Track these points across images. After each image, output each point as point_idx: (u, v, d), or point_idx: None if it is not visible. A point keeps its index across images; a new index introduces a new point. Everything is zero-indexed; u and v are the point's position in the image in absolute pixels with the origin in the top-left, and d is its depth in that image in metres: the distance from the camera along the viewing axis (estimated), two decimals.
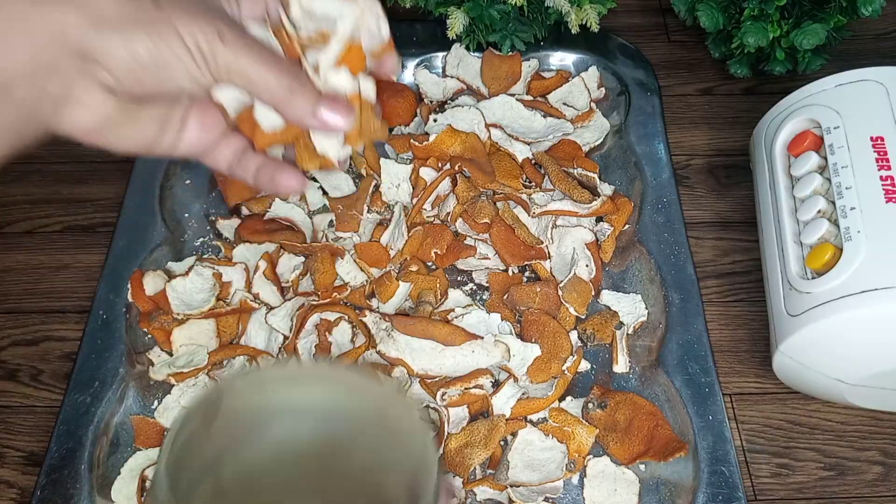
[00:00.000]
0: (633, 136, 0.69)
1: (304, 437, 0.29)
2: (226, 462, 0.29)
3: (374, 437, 0.28)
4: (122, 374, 0.56)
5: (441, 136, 0.65)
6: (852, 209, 0.51)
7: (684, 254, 0.62)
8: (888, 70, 0.57)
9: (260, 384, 0.29)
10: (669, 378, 0.56)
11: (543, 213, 0.62)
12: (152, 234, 0.63)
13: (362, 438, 0.29)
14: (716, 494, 0.51)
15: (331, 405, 0.29)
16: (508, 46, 0.72)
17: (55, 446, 0.53)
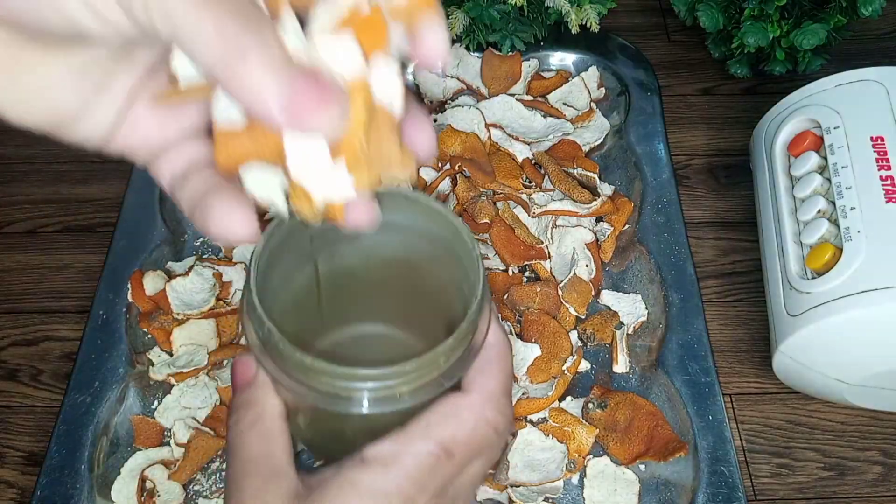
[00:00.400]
0: (633, 136, 0.69)
1: (392, 245, 0.33)
2: (322, 255, 0.32)
3: (446, 262, 0.32)
4: (122, 374, 0.56)
5: (441, 136, 0.65)
6: (852, 209, 0.51)
7: (684, 254, 0.62)
8: (888, 70, 0.57)
9: None
10: (669, 378, 0.56)
11: (543, 213, 0.62)
12: (152, 234, 0.63)
13: (438, 262, 0.33)
14: (716, 494, 0.51)
15: (417, 226, 0.32)
16: (508, 46, 0.72)
17: (55, 446, 0.53)
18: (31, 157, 0.71)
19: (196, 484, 0.53)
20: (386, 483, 0.29)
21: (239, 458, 0.30)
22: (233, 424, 0.31)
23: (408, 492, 0.29)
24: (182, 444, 0.53)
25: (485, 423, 0.30)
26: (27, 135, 0.26)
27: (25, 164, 0.71)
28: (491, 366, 0.31)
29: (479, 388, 0.31)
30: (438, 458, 0.29)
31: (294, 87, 0.21)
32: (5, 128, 0.25)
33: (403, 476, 0.29)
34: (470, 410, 0.30)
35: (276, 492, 0.29)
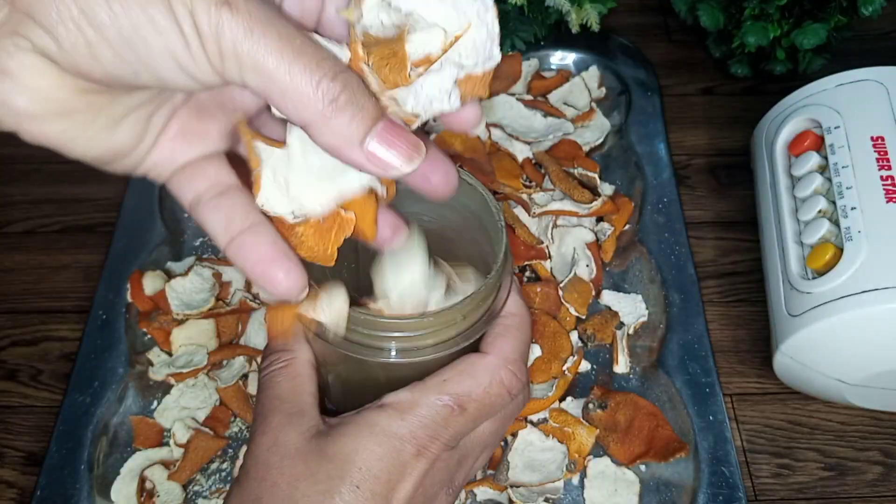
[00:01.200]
0: (633, 135, 0.69)
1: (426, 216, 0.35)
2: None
3: (473, 232, 0.35)
4: (121, 374, 0.56)
5: (441, 136, 0.65)
6: (853, 209, 0.51)
7: (685, 254, 0.62)
8: (888, 70, 0.57)
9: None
10: (670, 378, 0.56)
11: (544, 212, 0.62)
12: (152, 234, 0.63)
13: (466, 232, 0.35)
14: (716, 495, 0.51)
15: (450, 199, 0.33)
16: (509, 46, 0.72)
17: (55, 446, 0.53)
18: (31, 157, 0.71)
19: (196, 484, 0.53)
20: (401, 427, 0.31)
21: (267, 396, 0.33)
22: (266, 367, 0.34)
23: (420, 438, 0.31)
24: (182, 445, 0.53)
25: (499, 384, 0.32)
26: None
27: (25, 164, 0.71)
28: (509, 331, 0.33)
29: (496, 350, 0.33)
30: (452, 411, 0.31)
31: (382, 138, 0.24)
32: None
33: (417, 423, 0.31)
34: (486, 370, 0.32)
35: (299, 426, 0.31)
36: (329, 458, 0.30)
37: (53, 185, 0.70)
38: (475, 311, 0.31)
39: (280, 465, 0.31)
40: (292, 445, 0.31)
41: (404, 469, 0.30)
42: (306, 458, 0.30)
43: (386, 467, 0.30)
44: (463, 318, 0.31)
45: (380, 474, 0.30)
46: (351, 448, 0.30)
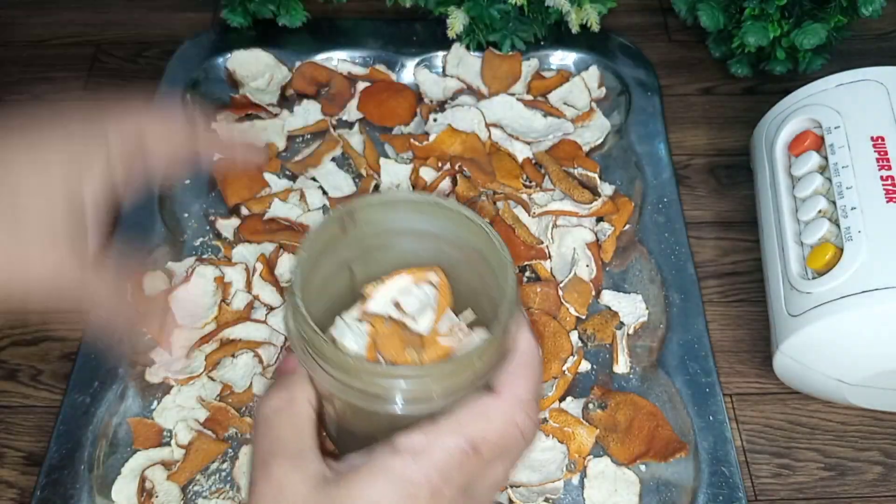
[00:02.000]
0: (633, 135, 0.69)
1: (423, 254, 0.35)
2: (358, 261, 0.34)
3: (476, 267, 0.34)
4: (121, 374, 0.56)
5: (441, 136, 0.65)
6: (853, 209, 0.51)
7: (685, 254, 0.62)
8: (888, 70, 0.57)
9: (392, 205, 0.33)
10: (670, 378, 0.56)
11: (543, 213, 0.62)
12: (152, 234, 0.63)
13: (468, 265, 0.34)
14: (716, 495, 0.51)
15: (446, 233, 0.34)
16: (509, 46, 0.72)
17: (55, 446, 0.53)
18: None
19: (196, 484, 0.53)
20: (416, 472, 0.29)
21: (267, 438, 0.32)
22: (264, 406, 0.32)
23: (435, 483, 0.30)
24: (183, 446, 0.53)
25: (513, 426, 0.31)
26: None
27: None
28: (521, 370, 0.32)
29: (509, 390, 0.32)
30: (467, 454, 0.30)
31: None
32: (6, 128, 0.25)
33: (432, 467, 0.30)
34: (500, 411, 0.31)
35: (304, 473, 0.30)
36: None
37: None
38: (486, 356, 0.30)
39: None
40: (299, 495, 0.30)
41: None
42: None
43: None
44: (477, 362, 0.30)
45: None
46: (364, 495, 0.29)
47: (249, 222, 0.64)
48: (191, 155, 0.39)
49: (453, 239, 0.34)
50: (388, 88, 0.71)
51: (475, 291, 0.35)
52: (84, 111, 0.37)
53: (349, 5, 0.78)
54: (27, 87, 0.76)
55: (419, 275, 0.34)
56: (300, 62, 0.73)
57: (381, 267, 0.35)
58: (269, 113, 0.70)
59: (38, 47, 0.79)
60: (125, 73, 0.77)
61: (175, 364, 0.56)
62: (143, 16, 0.81)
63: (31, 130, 0.34)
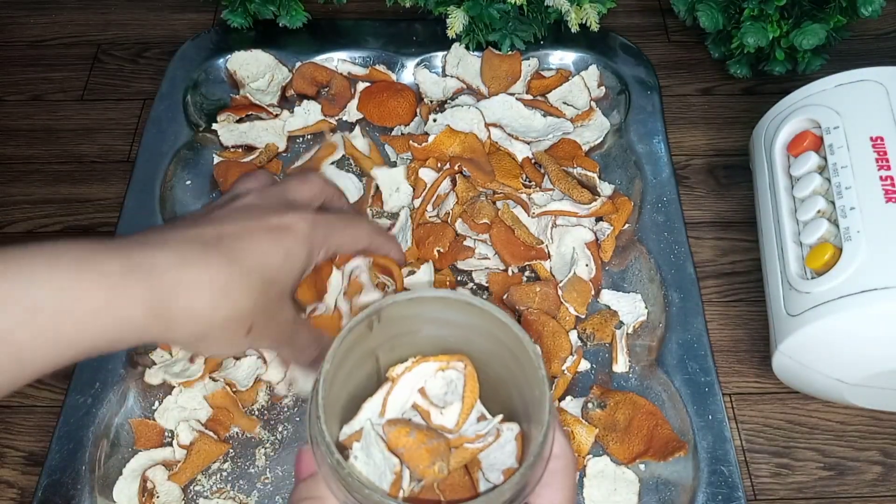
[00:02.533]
0: (633, 135, 0.69)
1: (450, 342, 0.34)
2: (382, 350, 0.34)
3: (505, 360, 0.33)
4: (122, 374, 0.56)
5: (439, 137, 0.65)
6: (852, 209, 0.51)
7: (684, 253, 0.62)
8: (888, 70, 0.57)
9: (417, 301, 0.34)
10: (669, 378, 0.56)
11: (543, 213, 0.62)
12: None
13: (496, 357, 0.34)
14: (715, 494, 0.51)
15: (474, 325, 0.33)
16: (508, 46, 0.72)
17: (56, 447, 0.53)
18: (31, 157, 0.71)
19: (196, 484, 0.53)
20: None
21: None
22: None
23: None
24: (184, 446, 0.53)
25: None
26: (27, 135, 0.28)
27: (25, 164, 0.71)
28: (556, 478, 0.32)
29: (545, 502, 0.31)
30: None
31: None
32: (5, 128, 0.25)
33: None
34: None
35: None
36: None
37: (54, 185, 0.70)
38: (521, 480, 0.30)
39: None
40: None
41: None
42: None
43: None
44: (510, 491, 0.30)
45: None
46: None
47: None
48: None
49: (482, 332, 0.34)
50: (388, 88, 0.71)
51: (503, 382, 0.34)
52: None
53: (349, 6, 0.78)
54: (27, 87, 0.76)
55: (445, 362, 0.34)
56: (300, 63, 0.73)
57: (406, 351, 0.35)
58: (270, 113, 0.70)
59: (38, 47, 0.79)
60: (125, 74, 0.77)
61: (175, 366, 0.56)
62: (144, 16, 0.82)
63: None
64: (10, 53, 0.78)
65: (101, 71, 0.77)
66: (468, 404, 0.33)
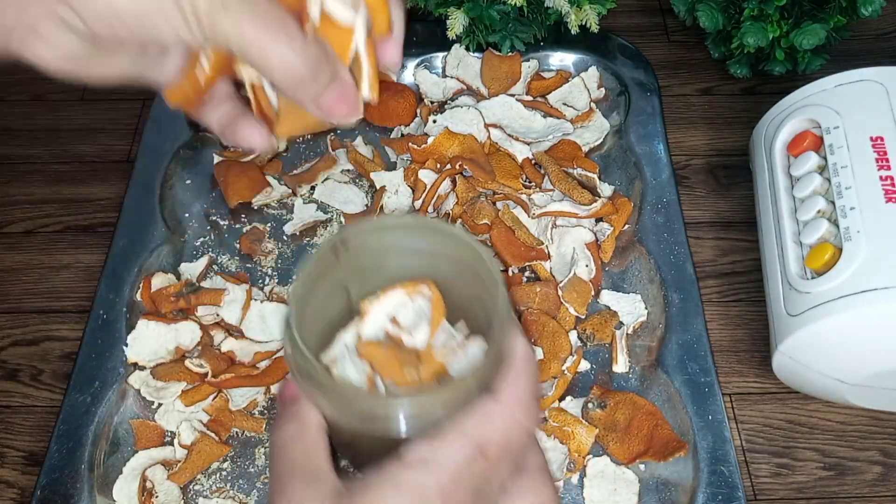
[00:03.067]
0: (632, 136, 0.69)
1: (416, 270, 0.36)
2: (353, 281, 0.35)
3: (468, 279, 0.34)
4: (122, 374, 0.56)
5: (439, 139, 0.65)
6: (852, 209, 0.51)
7: (684, 254, 0.62)
8: (888, 70, 0.57)
9: (382, 229, 0.35)
10: (669, 378, 0.56)
11: (543, 214, 0.63)
12: (152, 234, 0.63)
13: (459, 279, 0.35)
14: (715, 494, 0.51)
15: (438, 251, 0.35)
16: (508, 47, 0.72)
17: (55, 446, 0.53)
18: (31, 157, 0.71)
19: (196, 483, 0.53)
20: (426, 481, 0.30)
21: (281, 461, 0.33)
22: (276, 437, 0.34)
23: (447, 489, 0.30)
24: (185, 446, 0.53)
25: (517, 425, 0.32)
26: (27, 135, 0.28)
27: (25, 164, 0.71)
28: (519, 371, 0.33)
29: (508, 392, 0.33)
30: (474, 458, 0.31)
31: (335, 97, 0.32)
32: (5, 128, 0.26)
33: (443, 473, 0.30)
34: (501, 413, 0.32)
35: (318, 489, 0.31)
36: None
37: (54, 185, 0.70)
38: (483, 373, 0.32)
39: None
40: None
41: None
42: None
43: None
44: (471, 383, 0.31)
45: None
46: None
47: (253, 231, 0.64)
48: None
49: (445, 256, 0.35)
50: (388, 89, 0.71)
51: (469, 302, 0.36)
52: None
53: None
54: (28, 87, 0.76)
55: (412, 289, 0.35)
56: None
57: (375, 284, 0.36)
58: None
59: None
60: None
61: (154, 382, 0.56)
62: None
63: None
64: None
65: None
66: (436, 321, 0.34)
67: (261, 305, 0.59)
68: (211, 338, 0.58)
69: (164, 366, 0.56)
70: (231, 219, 0.66)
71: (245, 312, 0.58)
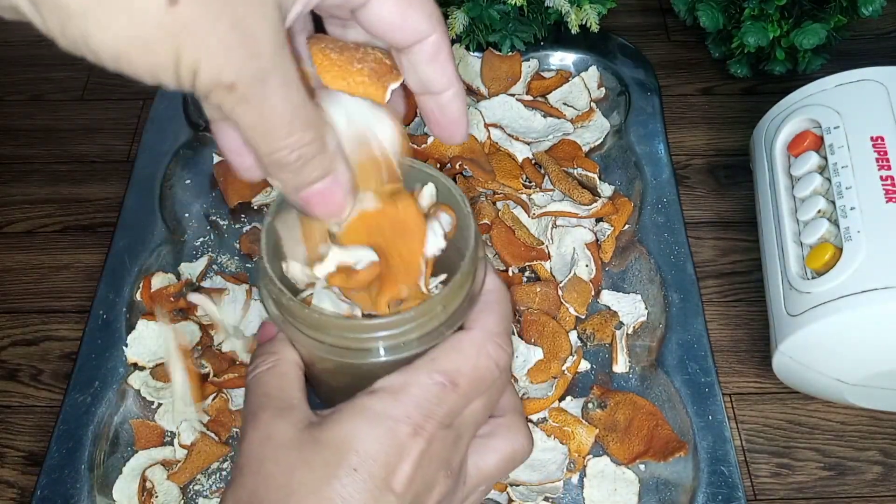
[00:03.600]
0: (633, 136, 0.69)
1: None
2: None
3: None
4: (122, 374, 0.56)
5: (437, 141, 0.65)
6: (852, 209, 0.51)
7: (684, 254, 0.62)
8: (888, 70, 0.57)
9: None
10: (669, 378, 0.56)
11: (543, 214, 0.63)
12: (152, 234, 0.63)
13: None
14: (715, 494, 0.51)
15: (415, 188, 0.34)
16: (508, 46, 0.72)
17: (55, 446, 0.53)
18: (31, 157, 0.71)
19: (196, 483, 0.53)
20: (395, 409, 0.30)
21: (255, 394, 0.33)
22: (252, 369, 0.34)
23: (415, 418, 0.30)
24: (185, 446, 0.53)
25: (486, 357, 0.33)
26: (27, 135, 0.28)
27: (25, 164, 0.71)
28: (490, 307, 0.34)
29: (480, 325, 0.33)
30: (444, 388, 0.31)
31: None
32: (5, 128, 0.25)
33: (411, 403, 0.31)
34: (472, 345, 0.33)
35: (290, 418, 0.32)
36: (324, 445, 0.30)
37: (54, 185, 0.70)
38: (455, 299, 0.32)
39: (274, 456, 0.31)
40: (285, 436, 0.31)
41: (402, 450, 0.30)
42: (300, 447, 0.30)
43: (383, 449, 0.30)
44: (443, 308, 0.31)
45: (377, 456, 0.30)
46: (346, 433, 0.30)
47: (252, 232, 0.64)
48: None
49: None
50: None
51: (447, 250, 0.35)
52: None
53: None
54: (27, 87, 0.76)
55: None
56: None
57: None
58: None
59: (38, 47, 0.79)
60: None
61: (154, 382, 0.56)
62: None
63: None
64: (10, 53, 0.78)
65: (102, 70, 0.77)
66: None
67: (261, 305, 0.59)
68: (211, 338, 0.58)
69: (163, 366, 0.56)
70: (231, 219, 0.66)
71: (245, 312, 0.58)
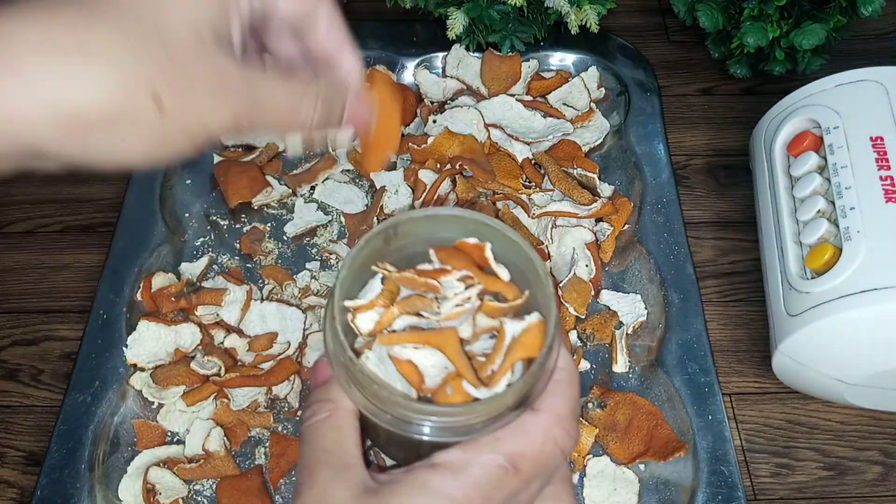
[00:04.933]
0: (632, 136, 0.69)
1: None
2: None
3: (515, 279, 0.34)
4: (122, 373, 0.56)
5: (438, 139, 0.65)
6: (852, 209, 0.51)
7: (684, 254, 0.62)
8: (888, 70, 0.57)
9: (433, 219, 0.34)
10: (669, 378, 0.56)
11: (543, 214, 0.63)
12: (152, 234, 0.63)
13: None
14: (715, 494, 0.51)
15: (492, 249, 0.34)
16: (508, 47, 0.72)
17: (55, 446, 0.53)
18: None
19: (197, 483, 0.53)
20: (454, 488, 0.29)
21: (311, 448, 0.32)
22: (308, 417, 0.33)
23: (474, 500, 0.29)
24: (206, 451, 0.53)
25: (553, 443, 0.31)
26: None
27: None
28: (561, 388, 0.32)
29: (548, 408, 0.32)
30: (506, 472, 0.30)
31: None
32: None
33: (471, 484, 0.29)
34: (539, 429, 0.31)
35: (347, 482, 0.30)
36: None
37: (54, 185, 0.70)
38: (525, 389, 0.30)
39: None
40: (341, 502, 0.30)
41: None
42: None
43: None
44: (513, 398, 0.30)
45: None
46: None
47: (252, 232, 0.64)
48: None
49: (495, 252, 0.34)
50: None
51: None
52: None
53: (350, 6, 0.78)
54: None
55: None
56: None
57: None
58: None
59: None
60: None
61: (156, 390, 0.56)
62: None
63: None
64: None
65: None
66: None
67: (261, 305, 0.59)
68: (211, 338, 0.58)
69: (163, 368, 0.56)
70: (231, 219, 0.66)
71: (245, 312, 0.58)
